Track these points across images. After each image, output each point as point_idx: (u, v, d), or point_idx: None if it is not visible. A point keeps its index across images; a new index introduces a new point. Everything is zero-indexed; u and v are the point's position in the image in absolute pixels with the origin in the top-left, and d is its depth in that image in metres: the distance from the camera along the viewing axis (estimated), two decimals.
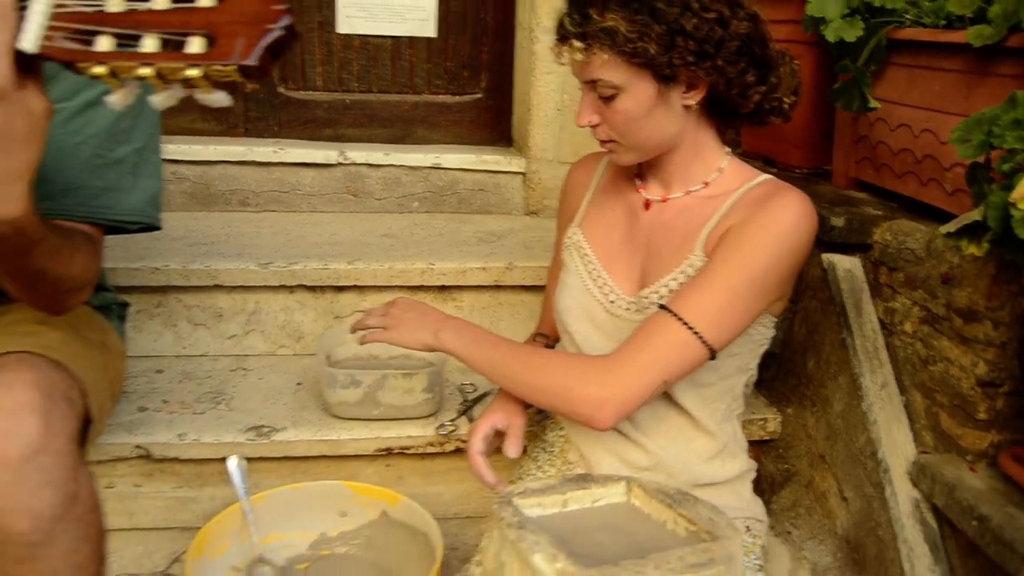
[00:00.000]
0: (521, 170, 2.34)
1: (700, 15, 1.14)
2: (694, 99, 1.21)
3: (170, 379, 1.78)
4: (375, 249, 1.97)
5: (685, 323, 1.16)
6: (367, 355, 1.77)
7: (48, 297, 1.16)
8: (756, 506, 1.39)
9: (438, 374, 1.63)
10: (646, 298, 1.27)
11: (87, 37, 0.76)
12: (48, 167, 0.96)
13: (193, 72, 0.73)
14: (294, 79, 2.40)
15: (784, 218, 1.19)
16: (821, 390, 1.60)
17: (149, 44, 0.74)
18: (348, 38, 2.39)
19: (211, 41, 0.73)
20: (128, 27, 0.75)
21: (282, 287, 1.86)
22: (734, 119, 1.29)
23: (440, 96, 2.47)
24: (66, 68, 0.77)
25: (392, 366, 1.73)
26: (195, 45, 0.73)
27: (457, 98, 2.48)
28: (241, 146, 2.25)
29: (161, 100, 0.76)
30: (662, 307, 1.20)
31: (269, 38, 0.72)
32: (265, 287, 1.85)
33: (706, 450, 1.32)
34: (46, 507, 1.05)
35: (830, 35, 1.60)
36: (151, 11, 0.75)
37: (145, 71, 0.74)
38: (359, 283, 1.87)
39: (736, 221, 1.21)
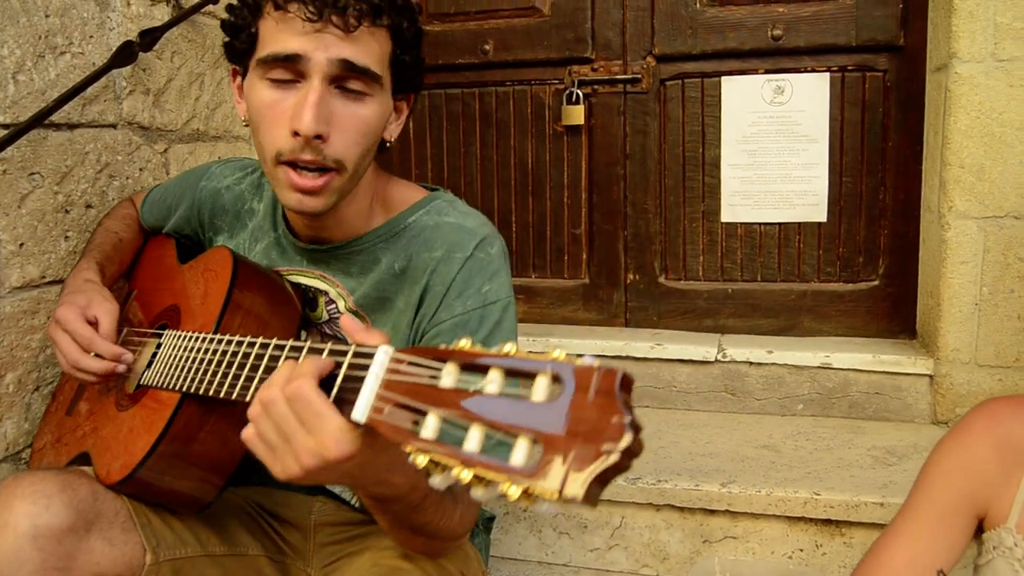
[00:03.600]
0: (928, 372, 2.02)
1: None
2: None
3: None
4: (752, 466, 1.79)
5: None
6: None
7: (426, 545, 1.17)
8: None
9: None
10: None
11: (417, 415, 0.72)
12: None
13: (511, 491, 0.62)
14: (675, 269, 2.36)
15: None
16: None
17: (473, 440, 0.66)
18: (732, 227, 2.30)
19: (537, 445, 0.62)
20: (457, 413, 0.69)
21: (649, 504, 1.75)
22: None
23: (831, 284, 2.26)
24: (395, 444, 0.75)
25: None
26: (520, 452, 0.63)
27: (850, 286, 2.25)
28: (619, 340, 2.24)
29: (481, 496, 0.67)
30: None
31: (601, 465, 0.58)
32: (632, 503, 1.76)
33: None
34: None
35: None
36: (482, 394, 0.68)
37: (463, 474, 0.66)
38: (731, 508, 1.70)
39: None
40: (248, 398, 0.99)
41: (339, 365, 0.85)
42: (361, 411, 0.78)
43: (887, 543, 1.16)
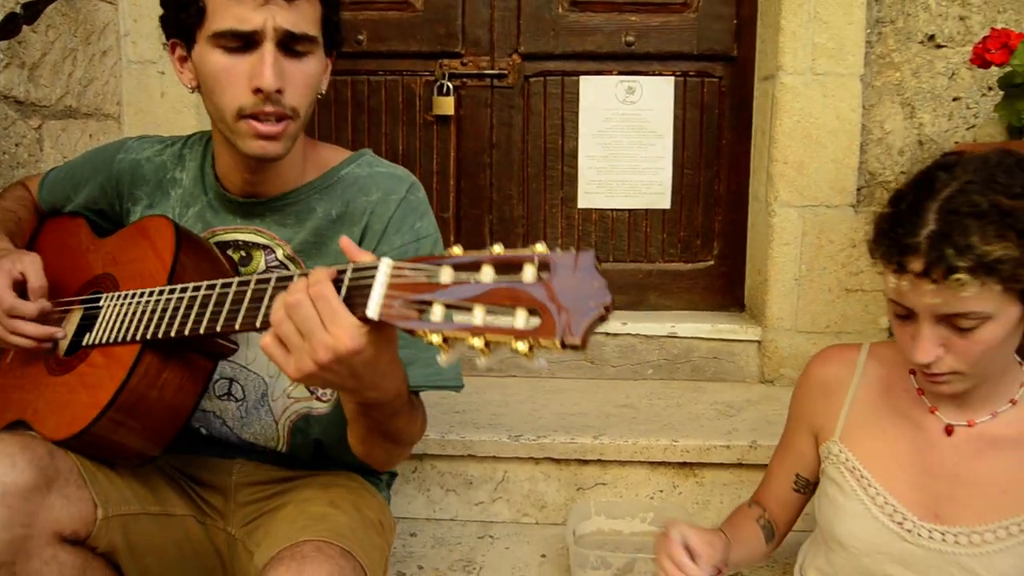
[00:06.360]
0: (757, 339, 2.35)
1: None
2: None
3: (423, 543, 1.89)
4: (617, 422, 2.03)
5: None
6: (610, 530, 1.81)
7: (390, 451, 1.31)
8: None
9: None
10: (979, 535, 1.21)
11: (422, 306, 0.85)
12: None
13: (519, 346, 0.77)
14: None
15: None
16: None
17: (478, 316, 0.79)
18: (587, 212, 2.55)
19: (534, 313, 0.77)
20: (458, 299, 0.81)
21: (530, 459, 1.95)
22: None
23: (673, 264, 2.56)
24: (406, 333, 0.88)
25: (635, 544, 1.76)
26: (520, 319, 0.76)
27: (690, 266, 2.55)
28: None
29: (483, 364, 0.82)
30: None
31: (591, 316, 0.74)
32: (514, 458, 1.95)
33: None
34: None
35: None
36: (479, 283, 0.81)
37: (475, 342, 0.79)
38: (603, 457, 1.92)
39: None
40: (237, 327, 1.08)
41: (342, 281, 0.95)
42: (374, 309, 0.88)
43: (774, 459, 1.54)
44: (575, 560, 1.66)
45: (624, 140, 2.51)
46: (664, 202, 2.53)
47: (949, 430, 1.27)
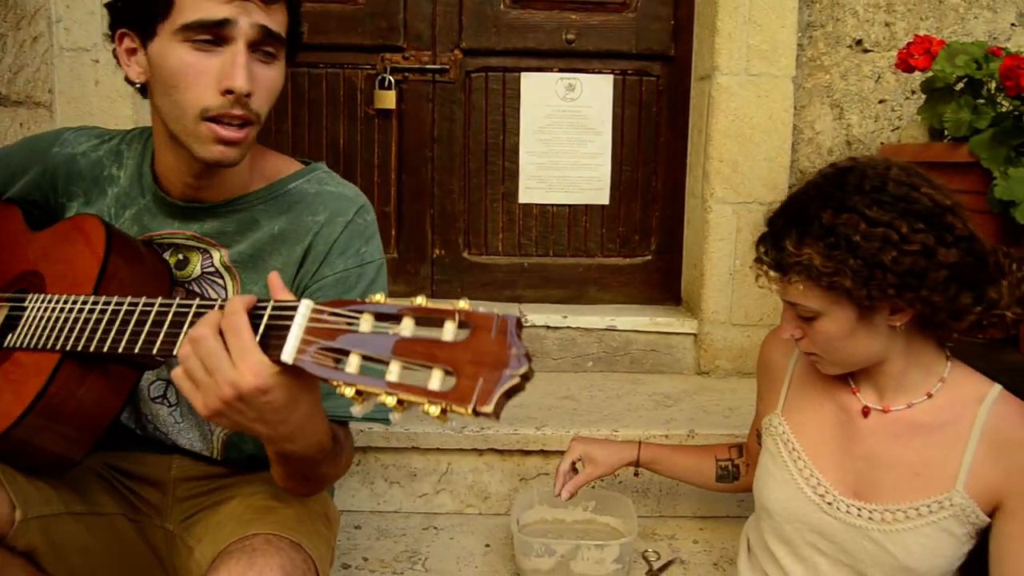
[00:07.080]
0: (693, 331, 2.41)
1: (901, 248, 1.15)
2: (900, 321, 1.23)
3: (368, 535, 1.90)
4: (558, 413, 2.07)
5: None
6: (553, 519, 1.85)
7: (313, 488, 1.30)
8: None
9: (629, 546, 1.67)
10: (891, 512, 1.29)
11: (339, 355, 0.83)
12: None
13: (432, 409, 0.74)
14: (477, 245, 2.59)
15: None
16: None
17: (394, 371, 0.77)
18: (528, 207, 2.58)
19: (450, 375, 0.74)
20: (376, 350, 0.79)
21: (473, 450, 1.97)
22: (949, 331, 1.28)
23: (612, 259, 2.61)
24: (322, 381, 0.86)
25: (578, 531, 1.80)
26: (436, 379, 0.74)
27: (628, 260, 2.61)
28: None
29: (397, 419, 0.80)
30: None
31: (505, 385, 0.72)
32: (458, 449, 1.97)
33: None
34: None
35: (1021, 217, 1.63)
36: (399, 336, 0.78)
37: (388, 400, 0.77)
38: (545, 448, 1.96)
39: (1014, 464, 1.23)
40: (155, 351, 1.04)
41: (260, 317, 0.92)
42: (289, 352, 0.85)
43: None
44: (520, 548, 1.68)
45: (564, 136, 2.55)
46: (603, 198, 2.58)
47: (865, 412, 1.35)
